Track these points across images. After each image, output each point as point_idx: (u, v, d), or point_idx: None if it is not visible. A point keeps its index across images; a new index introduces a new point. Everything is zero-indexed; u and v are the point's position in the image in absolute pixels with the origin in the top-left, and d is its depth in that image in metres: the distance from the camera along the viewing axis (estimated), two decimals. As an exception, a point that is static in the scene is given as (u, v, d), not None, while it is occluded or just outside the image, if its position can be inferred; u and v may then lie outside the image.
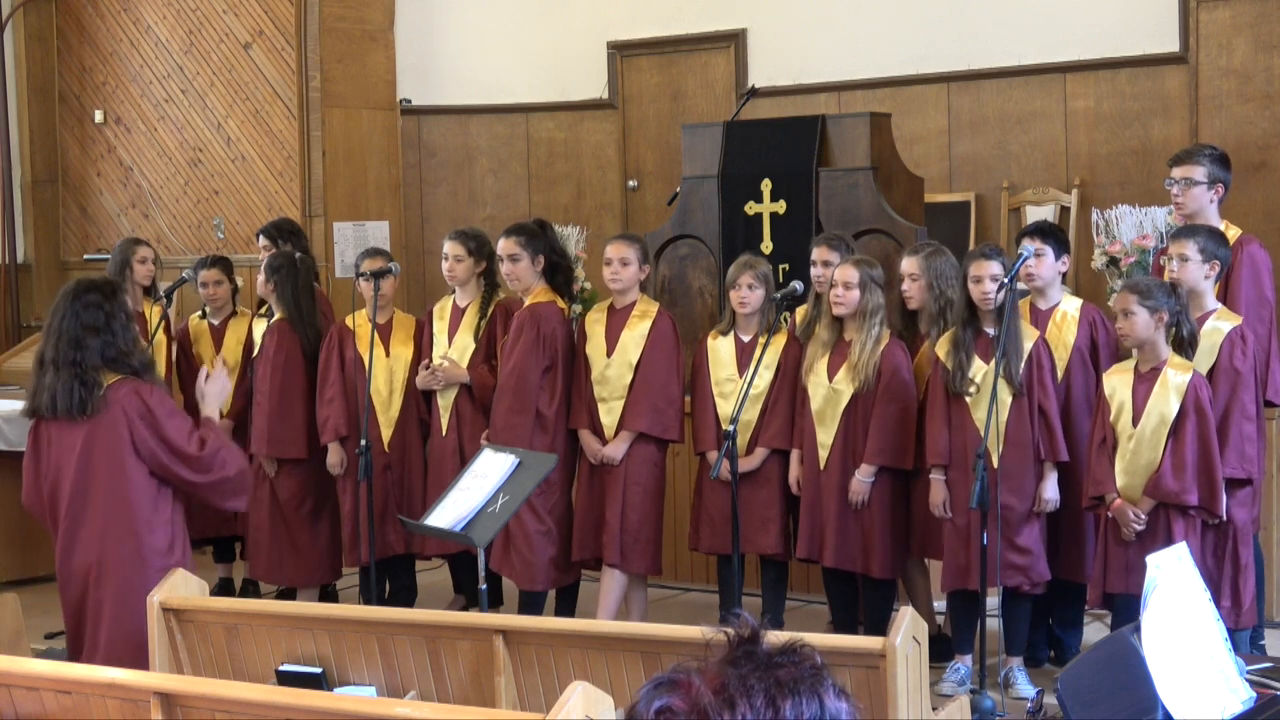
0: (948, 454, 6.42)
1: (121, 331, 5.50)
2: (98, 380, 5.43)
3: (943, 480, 6.45)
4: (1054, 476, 6.36)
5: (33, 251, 11.71)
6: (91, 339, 5.44)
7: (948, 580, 6.47)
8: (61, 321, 5.47)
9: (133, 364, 5.51)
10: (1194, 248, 6.17)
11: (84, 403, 5.42)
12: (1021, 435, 6.30)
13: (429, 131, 11.18)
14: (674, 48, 10.82)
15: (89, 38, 11.45)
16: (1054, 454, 6.34)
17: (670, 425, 6.99)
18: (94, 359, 5.44)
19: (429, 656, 4.58)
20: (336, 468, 7.51)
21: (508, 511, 5.56)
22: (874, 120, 7.99)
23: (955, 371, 6.38)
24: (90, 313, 5.46)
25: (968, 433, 6.37)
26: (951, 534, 6.44)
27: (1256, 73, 9.02)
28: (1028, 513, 6.35)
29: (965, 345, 6.38)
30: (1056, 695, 3.69)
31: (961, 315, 6.42)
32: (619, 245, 7.09)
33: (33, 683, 4.15)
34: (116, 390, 5.45)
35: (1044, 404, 6.34)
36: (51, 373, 5.46)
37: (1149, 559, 3.56)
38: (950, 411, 6.43)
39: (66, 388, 5.42)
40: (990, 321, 6.38)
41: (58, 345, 5.45)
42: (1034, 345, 6.35)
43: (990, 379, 6.26)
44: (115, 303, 5.54)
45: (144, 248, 8.43)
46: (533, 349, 7.00)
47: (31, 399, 5.56)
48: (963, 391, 6.37)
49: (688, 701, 1.83)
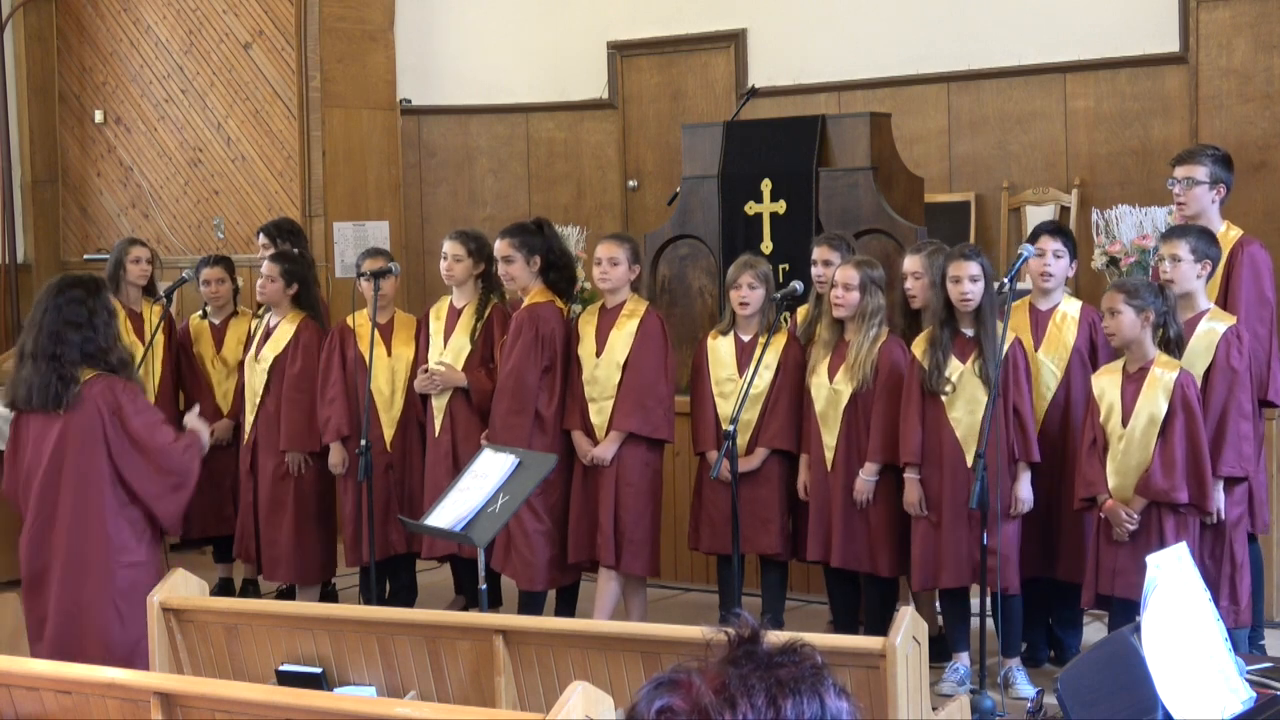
0: (920, 453, 6.43)
1: (103, 328, 5.53)
2: (75, 375, 5.46)
3: (917, 479, 6.45)
4: (1027, 476, 6.37)
5: (33, 251, 11.70)
6: (72, 334, 5.47)
7: (919, 579, 6.48)
8: (44, 316, 5.50)
9: (110, 361, 5.54)
10: (1185, 248, 6.18)
11: (59, 397, 5.45)
12: (996, 435, 6.31)
13: (429, 131, 11.18)
14: (674, 48, 10.82)
15: (89, 38, 11.44)
16: (1027, 454, 6.34)
17: (659, 425, 6.98)
18: (73, 354, 5.47)
19: (429, 656, 4.59)
20: (338, 467, 7.51)
21: (508, 511, 5.56)
22: (874, 120, 7.99)
23: (932, 370, 6.39)
24: (73, 308, 5.49)
25: (943, 432, 6.39)
26: (925, 533, 6.45)
27: (1256, 73, 9.02)
28: (1003, 514, 6.34)
29: (942, 344, 6.39)
30: (1056, 695, 3.69)
31: (939, 315, 6.43)
32: (609, 245, 7.10)
33: (33, 683, 4.15)
34: (92, 386, 5.48)
35: (1018, 404, 6.35)
36: (30, 365, 5.49)
37: (1149, 559, 3.55)
38: (925, 410, 6.43)
39: (44, 381, 5.45)
40: (968, 322, 6.39)
41: (38, 339, 5.49)
42: (1010, 346, 6.35)
43: (968, 378, 6.29)
44: (98, 299, 5.56)
45: (139, 248, 8.42)
46: (531, 350, 7.00)
47: (10, 390, 5.60)
48: (939, 390, 6.38)
49: (688, 701, 1.83)
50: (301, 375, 7.61)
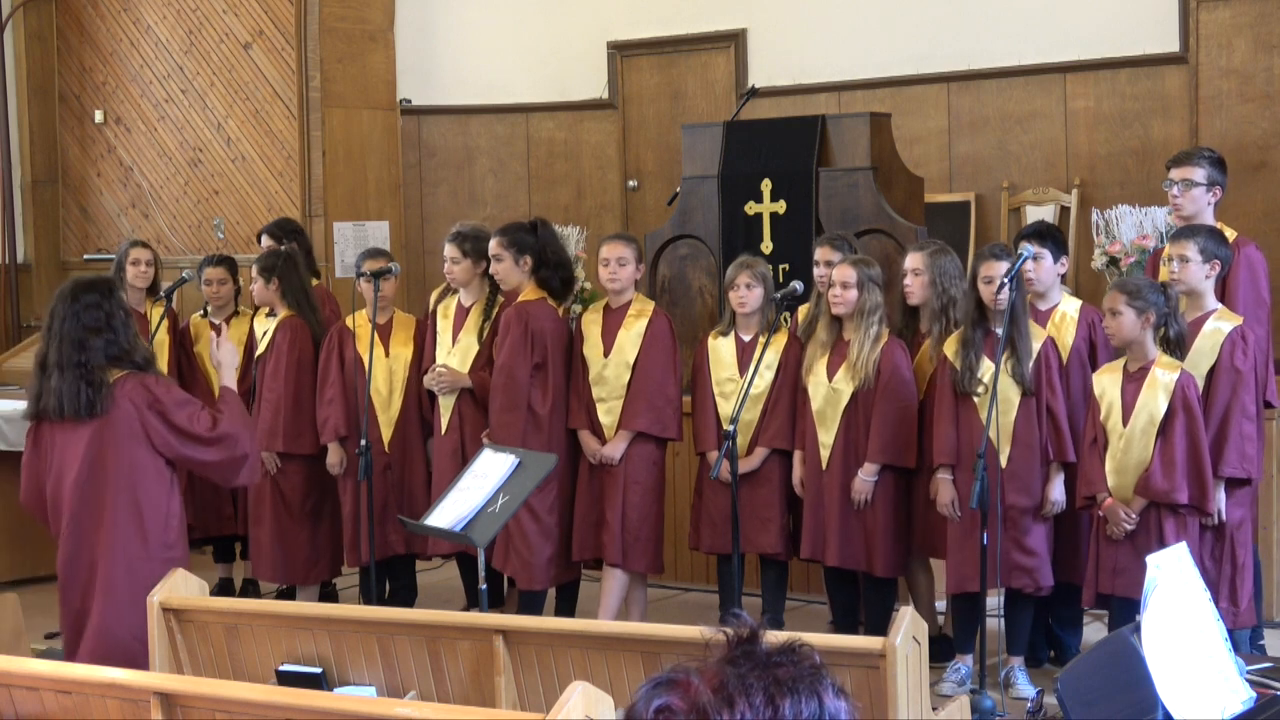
0: (955, 453, 6.42)
1: (122, 329, 5.53)
2: (104, 379, 5.46)
3: (950, 480, 6.44)
4: (1061, 477, 6.36)
5: (33, 251, 11.71)
6: (94, 339, 5.46)
7: (952, 582, 6.47)
8: (62, 324, 5.48)
9: (136, 359, 5.55)
10: (1194, 248, 6.17)
11: (92, 403, 5.44)
12: (1030, 435, 6.30)
13: (429, 131, 11.18)
14: (674, 48, 10.82)
15: (89, 38, 11.45)
16: (1061, 454, 6.33)
17: (669, 424, 7.00)
18: (98, 358, 5.46)
19: (429, 656, 4.59)
20: (336, 468, 7.52)
21: (508, 511, 5.56)
22: (874, 120, 7.99)
23: (964, 371, 6.38)
24: (90, 313, 5.48)
25: (975, 432, 6.35)
26: (957, 535, 6.44)
27: (1256, 73, 9.02)
28: (1035, 514, 6.35)
29: (975, 345, 6.37)
30: (1056, 695, 3.69)
31: (971, 315, 6.41)
32: (615, 245, 7.11)
33: (33, 683, 4.16)
34: (122, 386, 5.48)
35: (1052, 404, 6.34)
36: (56, 375, 5.46)
37: (1149, 559, 3.56)
38: (958, 411, 6.42)
39: (73, 389, 5.44)
40: (999, 322, 6.37)
41: (60, 348, 5.46)
42: (1043, 345, 6.35)
43: (1000, 379, 6.27)
44: (113, 301, 5.56)
45: (139, 250, 8.40)
46: (519, 347, 7.01)
47: (35, 402, 5.55)
48: (971, 391, 6.37)
49: (686, 701, 1.83)
50: (273, 375, 7.63)
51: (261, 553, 7.70)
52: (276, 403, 7.59)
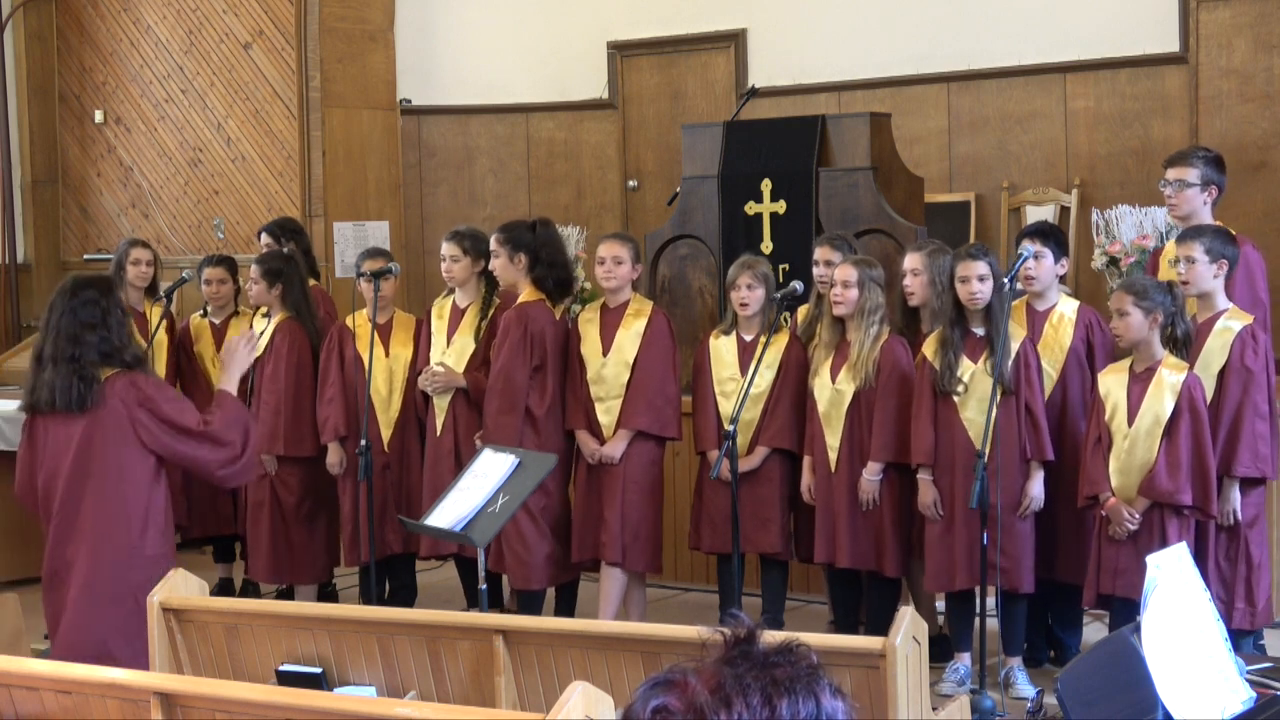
0: (933, 454, 6.42)
1: (117, 327, 5.60)
2: (95, 375, 5.52)
3: (930, 480, 6.45)
4: (1040, 475, 6.36)
5: (33, 251, 11.71)
6: (89, 335, 5.53)
7: (933, 581, 6.48)
8: (60, 319, 5.56)
9: (126, 358, 5.60)
10: (1200, 249, 6.15)
11: (83, 397, 5.50)
12: (1009, 434, 6.30)
13: (429, 131, 11.18)
14: (674, 48, 10.82)
15: (89, 38, 11.45)
16: (1040, 453, 6.33)
17: (669, 423, 7.00)
18: (91, 354, 5.53)
19: (429, 656, 4.59)
20: (336, 467, 7.52)
21: (507, 511, 5.56)
22: (874, 120, 7.99)
23: (944, 371, 6.38)
24: (87, 310, 5.55)
25: (955, 432, 6.37)
26: (938, 534, 6.44)
27: (1256, 73, 9.02)
28: (1014, 513, 6.34)
29: (954, 345, 6.37)
30: (1056, 695, 3.69)
31: (949, 315, 6.42)
32: (612, 244, 7.11)
33: (33, 683, 4.15)
34: (113, 383, 5.53)
35: (1030, 403, 6.34)
36: (50, 368, 5.55)
37: (1149, 559, 3.56)
38: (937, 411, 6.43)
39: (65, 383, 5.51)
40: (978, 321, 6.37)
41: (56, 342, 5.55)
42: (1021, 345, 6.35)
43: (979, 378, 6.27)
44: (111, 299, 5.63)
45: (139, 249, 8.41)
46: (519, 349, 7.01)
47: (29, 394, 5.65)
48: (951, 390, 6.37)
49: (684, 701, 1.83)
50: (272, 378, 7.63)
51: (258, 554, 7.70)
52: (276, 406, 7.59)
